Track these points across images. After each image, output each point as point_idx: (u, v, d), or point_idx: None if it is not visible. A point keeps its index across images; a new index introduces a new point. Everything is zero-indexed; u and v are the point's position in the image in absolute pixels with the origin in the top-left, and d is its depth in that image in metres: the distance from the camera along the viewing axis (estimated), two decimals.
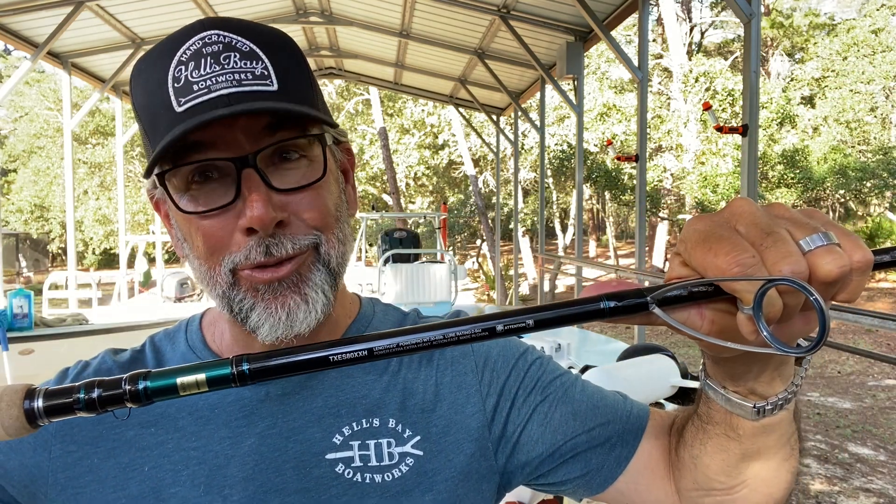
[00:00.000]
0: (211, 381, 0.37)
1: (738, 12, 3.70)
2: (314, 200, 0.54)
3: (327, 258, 0.56)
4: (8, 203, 22.39)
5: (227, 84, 0.51)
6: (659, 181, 14.96)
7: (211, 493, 0.57)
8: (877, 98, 15.37)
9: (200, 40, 0.54)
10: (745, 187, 3.69)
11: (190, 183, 0.53)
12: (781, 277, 0.34)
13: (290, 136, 0.53)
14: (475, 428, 0.63)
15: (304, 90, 0.55)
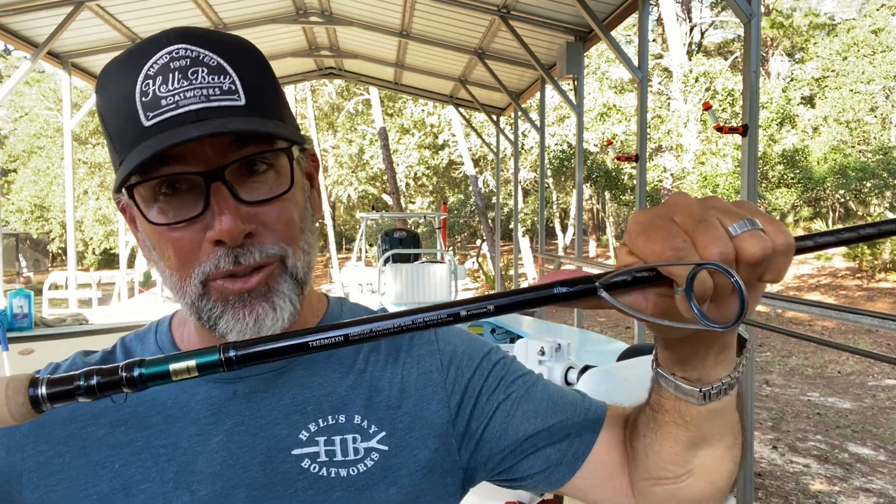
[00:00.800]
0: (201, 367, 0.39)
1: (738, 12, 3.70)
2: (281, 212, 0.56)
3: (294, 270, 0.58)
4: (8, 203, 22.38)
5: (195, 100, 0.52)
6: (659, 181, 14.96)
7: (180, 489, 0.59)
8: (877, 98, 15.38)
9: (168, 54, 0.53)
10: (745, 187, 3.68)
11: (158, 194, 0.54)
12: (709, 262, 0.38)
13: (257, 151, 0.54)
14: (439, 424, 0.65)
15: (271, 102, 0.56)
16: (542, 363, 2.05)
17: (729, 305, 0.42)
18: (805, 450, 5.51)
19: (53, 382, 0.39)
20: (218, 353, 0.39)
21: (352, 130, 22.86)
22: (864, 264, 14.77)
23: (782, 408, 6.82)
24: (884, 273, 14.40)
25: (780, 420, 6.39)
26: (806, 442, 5.72)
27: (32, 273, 22.81)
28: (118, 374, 0.39)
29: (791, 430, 6.06)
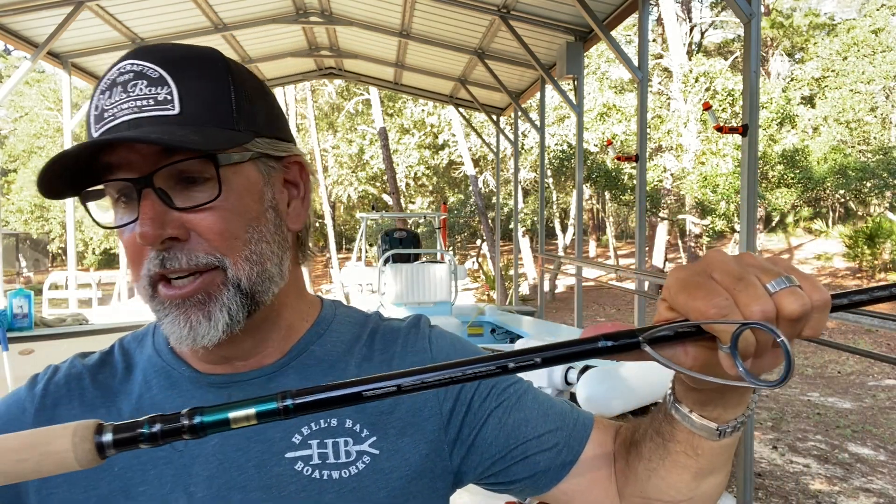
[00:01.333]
0: (260, 415, 0.41)
1: (738, 12, 3.70)
2: (214, 222, 0.57)
3: (236, 280, 0.58)
4: (8, 203, 22.39)
5: (129, 111, 0.55)
6: (659, 181, 14.96)
7: (177, 491, 0.60)
8: (877, 98, 15.38)
9: (117, 70, 0.57)
10: (745, 187, 3.68)
11: (117, 202, 0.58)
12: (754, 322, 0.40)
13: (183, 158, 0.56)
14: (431, 430, 0.67)
15: (215, 112, 0.57)
16: None
17: (765, 360, 0.44)
18: (805, 450, 5.51)
19: (118, 429, 0.40)
20: (276, 401, 0.41)
21: (352, 130, 22.86)
22: (864, 264, 14.77)
23: (782, 408, 6.82)
24: (884, 273, 14.39)
25: (780, 420, 6.39)
26: (806, 442, 5.72)
27: (32, 273, 22.82)
28: (179, 423, 0.41)
29: (791, 430, 6.06)
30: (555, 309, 14.78)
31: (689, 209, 14.56)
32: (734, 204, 11.75)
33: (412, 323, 0.74)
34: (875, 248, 14.45)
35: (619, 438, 0.69)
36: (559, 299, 16.52)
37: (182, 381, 0.65)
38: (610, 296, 16.04)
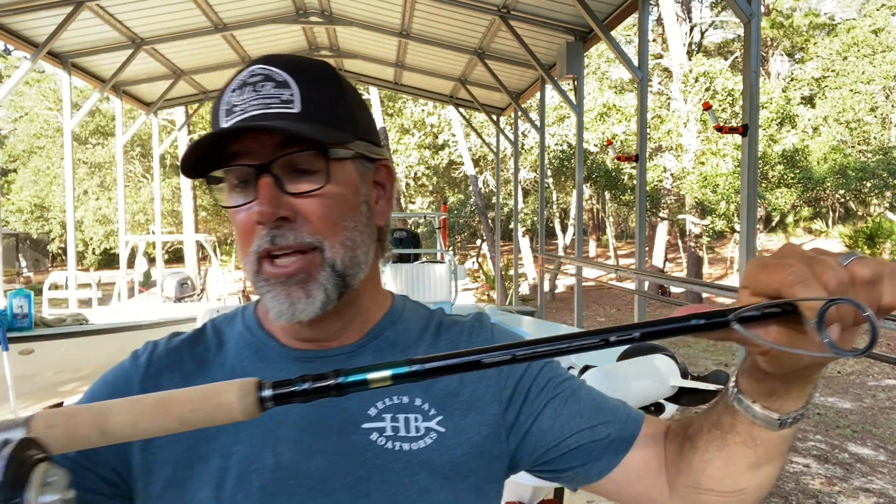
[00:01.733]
0: (394, 377, 0.45)
1: (738, 12, 3.70)
2: (317, 207, 0.65)
3: (332, 261, 0.66)
4: (8, 203, 22.39)
5: (257, 107, 0.64)
6: (659, 181, 14.96)
7: (265, 451, 0.67)
8: (877, 98, 15.38)
9: (248, 72, 0.66)
10: (745, 187, 3.68)
11: (234, 186, 0.67)
12: (841, 297, 0.42)
13: (298, 150, 0.64)
14: (491, 414, 0.73)
15: (329, 113, 0.67)
16: None
17: (849, 336, 0.46)
18: (805, 450, 5.51)
19: (276, 386, 0.46)
20: (408, 366, 0.45)
21: None
22: None
23: None
24: None
25: None
26: (806, 442, 5.72)
27: (32, 273, 22.82)
28: (326, 381, 0.45)
29: None
30: (555, 309, 14.78)
31: (689, 209, 14.56)
32: (734, 204, 11.74)
33: (476, 318, 0.82)
34: (875, 248, 14.45)
35: (671, 434, 0.72)
36: (559, 299, 16.52)
37: (271, 354, 0.72)
38: (610, 296, 16.04)
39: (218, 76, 10.42)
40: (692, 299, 12.71)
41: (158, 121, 11.98)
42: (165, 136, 16.74)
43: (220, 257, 17.10)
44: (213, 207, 23.03)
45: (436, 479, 0.69)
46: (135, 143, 20.60)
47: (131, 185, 21.11)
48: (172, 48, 8.63)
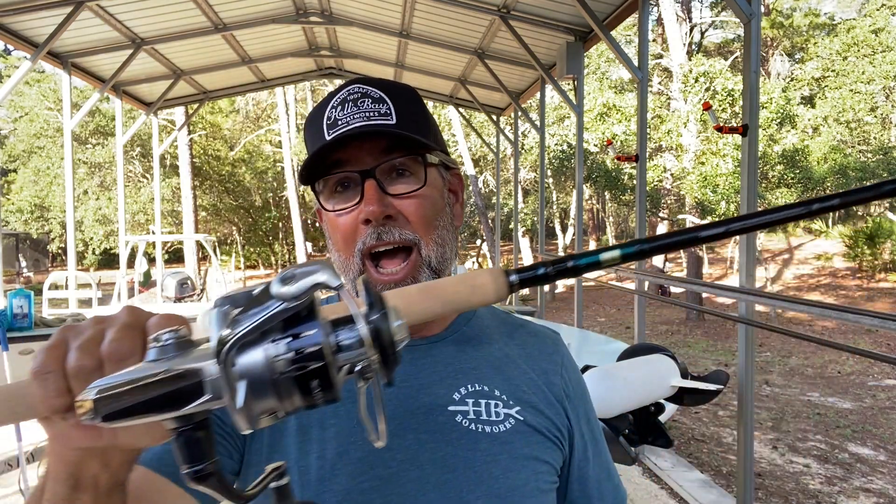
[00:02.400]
0: (624, 257, 0.47)
1: (738, 12, 3.70)
2: (416, 206, 0.74)
3: (428, 259, 0.75)
4: (8, 203, 22.38)
5: (360, 119, 0.72)
6: (659, 181, 14.95)
7: (360, 425, 0.71)
8: (877, 98, 15.37)
9: (347, 91, 0.75)
10: (745, 187, 3.68)
11: (333, 192, 0.75)
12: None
13: (400, 156, 0.73)
14: (559, 423, 0.81)
15: (418, 125, 0.75)
16: None
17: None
18: (805, 450, 5.51)
19: (521, 271, 0.48)
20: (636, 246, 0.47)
21: None
22: (864, 264, 14.77)
23: (782, 408, 6.82)
24: (884, 273, 14.39)
25: (780, 420, 6.39)
26: (806, 442, 5.72)
27: (32, 273, 22.81)
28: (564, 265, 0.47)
29: (791, 430, 6.06)
30: (555, 309, 14.77)
31: (689, 209, 14.55)
32: (734, 204, 11.74)
33: (553, 335, 0.90)
34: (875, 248, 14.44)
35: None
36: (559, 299, 16.52)
37: None
38: (610, 296, 16.04)
39: (218, 76, 10.42)
40: (692, 299, 12.71)
41: (158, 121, 11.97)
42: (165, 136, 16.73)
43: (219, 257, 17.10)
44: (213, 207, 23.06)
45: (516, 461, 0.74)
46: (135, 143, 20.60)
47: (131, 185, 21.10)
48: (172, 48, 8.63)
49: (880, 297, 13.25)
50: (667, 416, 2.50)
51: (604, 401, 1.77)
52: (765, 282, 14.47)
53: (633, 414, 1.79)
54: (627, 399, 2.07)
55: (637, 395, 2.13)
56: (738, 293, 3.54)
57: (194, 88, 10.85)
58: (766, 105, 12.28)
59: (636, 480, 4.47)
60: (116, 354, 0.41)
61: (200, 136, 20.97)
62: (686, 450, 5.42)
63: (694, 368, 7.79)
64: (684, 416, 6.44)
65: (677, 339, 11.26)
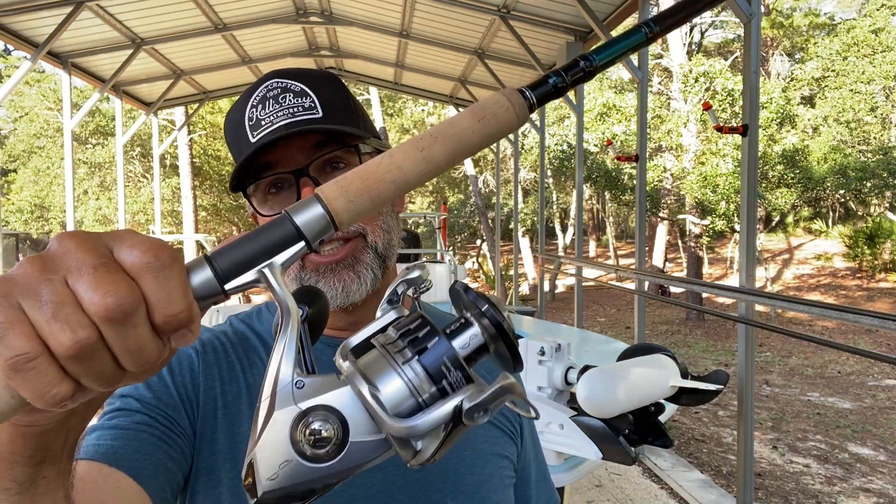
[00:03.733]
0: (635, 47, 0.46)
1: (738, 12, 3.70)
2: None
3: (374, 244, 0.73)
4: (8, 203, 22.39)
5: (284, 117, 0.69)
6: (659, 181, 14.95)
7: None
8: (877, 98, 15.37)
9: (265, 88, 0.72)
10: (745, 187, 3.68)
11: (267, 195, 0.73)
12: None
13: (333, 149, 0.71)
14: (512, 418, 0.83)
15: (345, 115, 0.73)
16: (542, 363, 2.04)
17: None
18: (805, 450, 5.51)
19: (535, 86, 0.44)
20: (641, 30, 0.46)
21: None
22: (864, 264, 14.76)
23: (782, 408, 6.82)
24: (884, 273, 14.39)
25: (780, 420, 6.39)
26: (806, 442, 5.72)
27: None
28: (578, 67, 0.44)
29: (791, 430, 6.06)
30: (555, 309, 14.77)
31: (689, 209, 14.54)
32: (734, 204, 11.73)
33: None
34: (875, 248, 14.44)
35: None
36: (559, 299, 16.51)
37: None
38: (610, 296, 16.03)
39: (218, 76, 10.42)
40: (692, 299, 12.71)
41: (158, 121, 11.97)
42: (165, 136, 16.73)
43: None
44: (213, 207, 23.05)
45: (479, 457, 0.74)
46: (135, 143, 20.59)
47: (131, 185, 21.10)
48: (172, 48, 8.63)
49: (880, 297, 13.25)
50: (667, 416, 2.51)
51: (604, 401, 1.77)
52: (765, 282, 14.47)
53: (633, 414, 1.79)
54: (627, 399, 2.07)
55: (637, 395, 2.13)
56: (738, 293, 3.54)
57: (194, 88, 10.85)
58: (766, 105, 12.28)
59: (636, 480, 4.47)
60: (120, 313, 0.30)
61: (200, 136, 20.96)
62: (686, 450, 5.42)
63: (694, 368, 7.77)
64: (684, 416, 6.44)
65: (677, 339, 11.25)
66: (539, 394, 2.05)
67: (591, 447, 1.79)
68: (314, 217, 0.39)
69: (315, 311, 0.47)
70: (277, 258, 0.38)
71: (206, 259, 0.37)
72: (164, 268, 0.32)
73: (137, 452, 0.61)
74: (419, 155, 0.42)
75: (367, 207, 0.40)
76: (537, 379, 2.05)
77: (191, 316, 0.33)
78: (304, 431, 0.36)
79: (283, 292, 0.38)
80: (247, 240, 0.38)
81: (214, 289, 0.36)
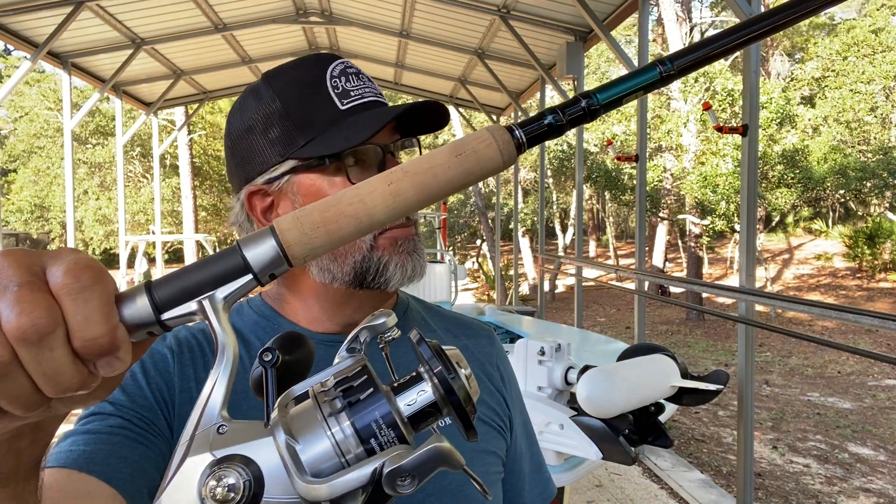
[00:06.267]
0: (646, 87, 0.42)
1: (738, 12, 3.70)
2: None
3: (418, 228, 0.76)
4: (8, 203, 22.39)
5: (371, 94, 0.72)
6: (659, 181, 14.95)
7: None
8: (877, 98, 15.36)
9: (342, 64, 0.72)
10: (745, 187, 3.68)
11: (345, 167, 0.70)
12: None
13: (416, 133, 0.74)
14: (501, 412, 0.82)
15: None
16: (542, 363, 2.04)
17: None
18: (805, 450, 5.51)
19: (527, 123, 0.42)
20: (658, 67, 0.42)
21: None
22: (864, 264, 14.76)
23: (782, 408, 6.82)
24: (884, 273, 14.39)
25: (780, 420, 6.39)
26: (806, 442, 5.72)
27: None
28: (579, 105, 0.41)
29: (791, 430, 6.06)
30: (555, 309, 14.77)
31: (689, 209, 14.55)
32: (734, 204, 11.74)
33: (486, 328, 0.89)
34: (875, 248, 14.44)
35: None
36: (559, 299, 16.51)
37: None
38: (610, 296, 16.03)
39: (218, 76, 10.42)
40: (692, 299, 12.71)
41: (158, 121, 11.97)
42: (165, 136, 16.73)
43: None
44: (213, 207, 23.05)
45: (463, 453, 0.70)
46: (135, 143, 20.59)
47: (131, 185, 21.09)
48: (172, 48, 8.63)
49: (880, 297, 13.25)
50: (667, 416, 2.51)
51: (604, 401, 1.77)
52: (765, 282, 14.47)
53: (633, 414, 1.79)
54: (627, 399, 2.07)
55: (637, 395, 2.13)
56: (738, 293, 3.54)
57: (194, 88, 10.85)
58: (766, 105, 12.27)
59: (636, 480, 4.47)
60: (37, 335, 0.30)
61: (200, 136, 20.96)
62: (686, 450, 5.42)
63: (694, 368, 7.79)
64: (684, 416, 6.44)
65: (677, 339, 11.25)
66: (539, 394, 2.05)
67: (591, 447, 1.79)
68: (264, 250, 0.37)
69: (294, 359, 0.43)
70: (220, 291, 0.36)
71: (146, 286, 0.36)
72: (83, 289, 0.31)
73: (111, 456, 0.60)
74: (386, 189, 0.39)
75: (324, 242, 0.38)
76: (537, 379, 2.05)
77: (113, 342, 0.32)
78: (213, 483, 0.33)
79: (220, 327, 0.36)
80: (194, 269, 0.37)
81: (149, 318, 0.35)
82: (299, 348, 0.45)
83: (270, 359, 0.40)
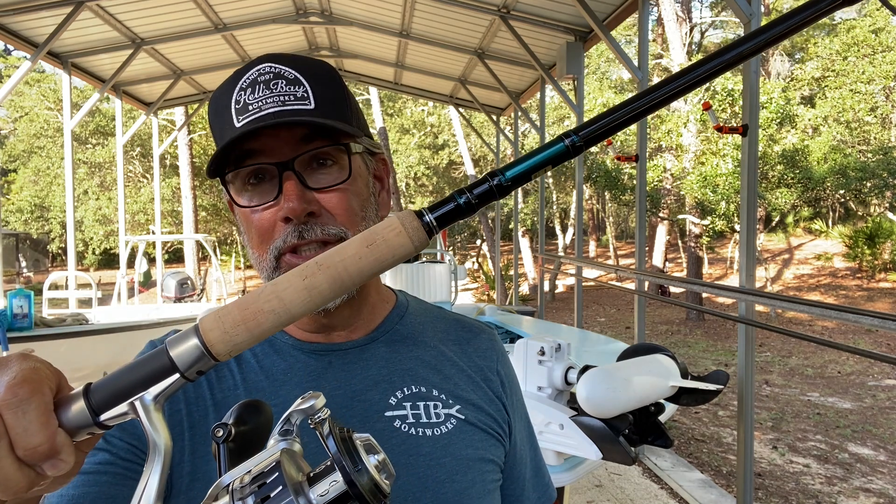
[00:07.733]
0: (553, 159, 0.43)
1: (738, 12, 3.70)
2: (341, 199, 0.67)
3: None
4: (8, 203, 22.39)
5: (274, 104, 0.64)
6: (659, 181, 14.94)
7: None
8: (877, 98, 15.36)
9: (257, 71, 0.67)
10: (745, 187, 3.68)
11: (246, 184, 0.67)
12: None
13: (322, 145, 0.66)
14: (500, 418, 0.78)
15: (338, 109, 0.67)
16: (542, 363, 2.04)
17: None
18: (805, 450, 5.51)
19: (437, 207, 0.43)
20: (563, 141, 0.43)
21: None
22: (864, 264, 14.76)
23: (782, 408, 6.82)
24: (884, 273, 14.39)
25: (780, 420, 6.39)
26: (806, 442, 5.72)
27: (32, 273, 22.80)
28: (487, 185, 0.42)
29: (791, 430, 6.05)
30: (555, 309, 14.77)
31: (689, 209, 14.54)
32: (734, 204, 11.73)
33: (488, 330, 0.86)
34: (875, 248, 14.44)
35: None
36: (559, 299, 16.51)
37: (285, 348, 0.73)
38: (610, 296, 16.03)
39: (218, 76, 10.42)
40: (692, 299, 12.71)
41: (158, 121, 11.97)
42: (165, 136, 16.73)
43: (219, 257, 17.09)
44: (213, 207, 23.05)
45: (460, 463, 0.71)
46: (135, 143, 20.59)
47: (131, 185, 21.09)
48: (172, 48, 8.63)
49: (880, 297, 13.25)
50: (667, 416, 2.51)
51: (604, 401, 1.77)
52: (765, 282, 14.46)
53: (633, 414, 1.79)
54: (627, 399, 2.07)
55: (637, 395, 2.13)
56: (738, 293, 3.54)
57: (194, 88, 10.85)
58: (766, 105, 12.27)
59: (636, 480, 4.47)
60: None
61: (200, 136, 20.96)
62: (686, 450, 5.42)
63: (694, 368, 7.79)
64: (684, 416, 6.44)
65: (677, 339, 11.25)
66: (539, 394, 2.05)
67: (591, 447, 1.79)
68: (189, 350, 0.40)
69: (250, 429, 0.46)
70: (150, 391, 0.39)
71: (84, 391, 0.39)
72: (21, 403, 0.35)
73: (100, 497, 0.61)
74: (301, 284, 0.41)
75: (245, 338, 0.40)
76: (537, 379, 2.05)
77: (52, 448, 0.35)
78: None
79: (151, 428, 0.38)
80: (127, 371, 0.40)
81: (86, 420, 0.38)
82: (256, 417, 0.48)
83: (222, 434, 0.43)
